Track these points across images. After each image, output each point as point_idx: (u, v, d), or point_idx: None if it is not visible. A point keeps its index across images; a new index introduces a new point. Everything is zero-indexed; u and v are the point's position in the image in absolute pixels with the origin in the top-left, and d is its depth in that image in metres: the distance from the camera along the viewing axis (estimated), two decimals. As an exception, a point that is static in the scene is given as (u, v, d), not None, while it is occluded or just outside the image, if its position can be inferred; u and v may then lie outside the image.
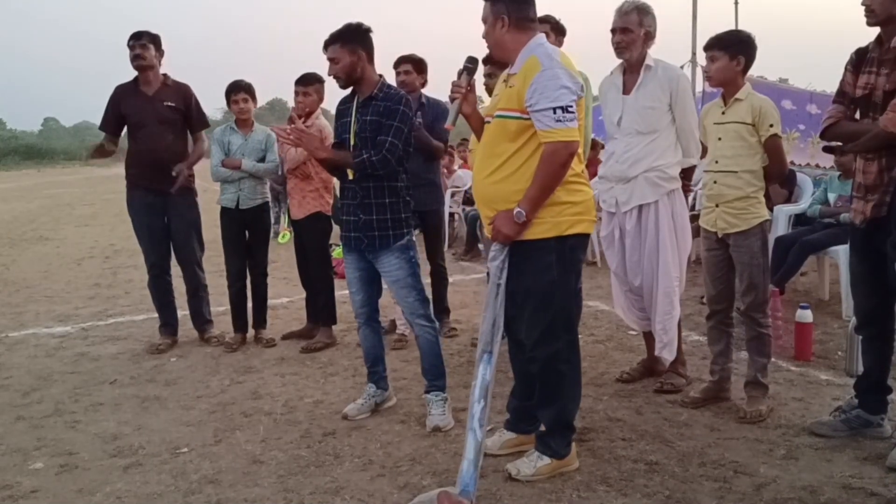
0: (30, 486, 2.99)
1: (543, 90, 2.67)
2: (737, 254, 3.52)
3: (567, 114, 2.67)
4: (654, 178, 3.69)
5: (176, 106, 4.85)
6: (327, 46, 3.49)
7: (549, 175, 2.72)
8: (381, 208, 3.46)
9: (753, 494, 2.74)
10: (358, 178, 3.46)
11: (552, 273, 2.81)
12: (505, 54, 2.87)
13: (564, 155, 2.70)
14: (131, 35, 4.80)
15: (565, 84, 2.68)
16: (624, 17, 3.66)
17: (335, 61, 3.45)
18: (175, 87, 4.91)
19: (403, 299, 3.55)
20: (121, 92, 4.86)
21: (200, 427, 3.58)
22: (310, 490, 2.88)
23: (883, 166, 2.99)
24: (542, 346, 2.88)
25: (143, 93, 4.81)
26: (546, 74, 2.68)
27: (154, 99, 4.80)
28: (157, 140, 4.78)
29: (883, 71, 3.02)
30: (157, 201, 4.85)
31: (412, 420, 3.57)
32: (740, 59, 3.43)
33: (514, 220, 2.74)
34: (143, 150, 4.81)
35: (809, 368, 4.17)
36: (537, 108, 2.69)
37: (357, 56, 3.45)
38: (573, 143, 2.71)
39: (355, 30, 3.49)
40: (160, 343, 4.93)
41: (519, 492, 2.81)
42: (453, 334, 5.02)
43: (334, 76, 3.49)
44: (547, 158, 2.71)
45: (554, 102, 2.66)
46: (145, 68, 4.78)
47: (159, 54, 4.86)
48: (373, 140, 3.41)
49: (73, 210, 15.90)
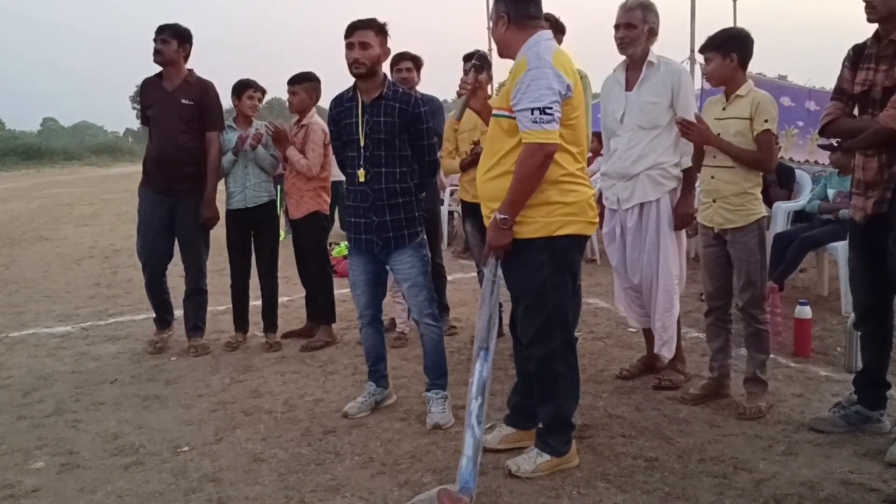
0: (31, 486, 3.00)
1: (526, 90, 2.68)
2: (734, 250, 3.53)
3: (545, 115, 2.66)
4: (656, 175, 3.69)
5: (193, 103, 4.68)
6: (357, 30, 3.38)
7: (525, 176, 2.71)
8: (395, 209, 3.46)
9: (753, 490, 2.75)
10: (369, 181, 3.44)
11: (543, 272, 2.82)
12: (509, 53, 2.88)
13: (540, 156, 2.69)
14: (156, 28, 4.67)
15: (550, 85, 2.67)
16: (628, 14, 3.67)
17: (365, 46, 3.36)
18: (196, 84, 4.72)
19: (413, 298, 3.54)
20: (145, 85, 4.78)
21: (201, 425, 3.58)
22: (310, 488, 2.89)
23: (883, 163, 3.00)
24: (537, 345, 2.89)
25: (163, 88, 4.69)
26: (531, 74, 2.68)
27: (172, 95, 4.66)
28: (170, 137, 4.64)
29: (881, 67, 3.03)
30: (164, 201, 4.70)
31: (412, 418, 3.57)
32: (733, 56, 3.43)
33: (500, 226, 2.76)
34: (156, 146, 4.70)
35: (809, 364, 4.18)
36: (518, 108, 2.70)
37: (384, 51, 3.45)
38: (549, 146, 2.69)
39: (383, 25, 3.47)
40: (157, 340, 4.86)
41: (519, 488, 2.82)
42: (453, 332, 5.02)
43: (358, 61, 3.36)
44: (522, 159, 2.71)
45: (533, 103, 2.66)
46: (164, 64, 4.65)
47: (183, 49, 4.67)
48: (389, 142, 3.41)
49: (73, 210, 15.87)
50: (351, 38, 3.39)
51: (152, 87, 4.75)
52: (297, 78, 4.79)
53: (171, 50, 4.62)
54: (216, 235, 4.91)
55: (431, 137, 3.56)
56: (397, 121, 3.43)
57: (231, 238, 4.90)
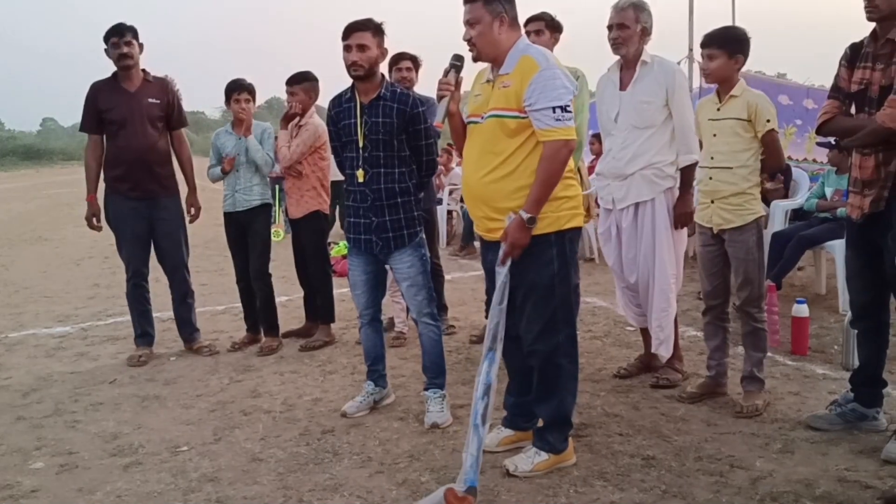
0: (30, 486, 3.00)
1: (543, 90, 2.72)
2: (732, 249, 3.53)
3: (566, 113, 2.75)
4: (650, 175, 3.69)
5: (159, 102, 4.61)
6: (355, 32, 3.38)
7: (552, 173, 2.78)
8: (394, 209, 3.47)
9: (749, 488, 2.76)
10: (368, 181, 3.45)
11: (553, 267, 2.86)
12: (497, 54, 2.88)
13: (565, 153, 2.77)
14: (112, 30, 4.48)
15: (564, 84, 2.75)
16: (620, 14, 3.67)
17: (364, 48, 3.36)
18: (156, 83, 4.65)
19: (413, 297, 3.55)
20: (99, 89, 4.54)
21: (200, 426, 3.59)
22: (309, 487, 2.90)
23: (879, 161, 3.00)
24: (543, 340, 2.90)
25: (124, 89, 4.52)
26: (545, 74, 2.74)
27: (137, 96, 4.53)
28: (142, 139, 4.51)
29: (878, 66, 3.03)
30: (140, 206, 4.58)
31: (410, 417, 3.58)
32: (739, 58, 3.44)
33: (527, 226, 2.78)
34: (126, 150, 4.50)
35: (806, 363, 4.19)
36: (537, 108, 2.74)
37: (381, 52, 3.46)
38: (572, 141, 2.79)
39: (380, 25, 3.46)
40: (140, 354, 4.65)
41: (517, 487, 2.83)
42: (451, 332, 5.02)
43: (356, 63, 3.37)
44: (549, 157, 2.76)
45: (553, 102, 2.72)
46: (131, 66, 4.51)
47: (141, 49, 4.58)
48: (388, 143, 3.41)
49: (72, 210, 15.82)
50: (348, 40, 3.39)
51: (109, 90, 4.54)
52: (296, 78, 4.79)
53: (135, 51, 4.53)
54: (216, 236, 4.91)
55: (430, 137, 3.56)
56: (395, 121, 3.43)
57: (228, 239, 4.93)
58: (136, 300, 4.74)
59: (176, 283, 4.83)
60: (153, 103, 4.59)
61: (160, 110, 4.63)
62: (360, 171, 3.46)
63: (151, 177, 4.59)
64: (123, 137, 4.52)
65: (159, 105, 4.62)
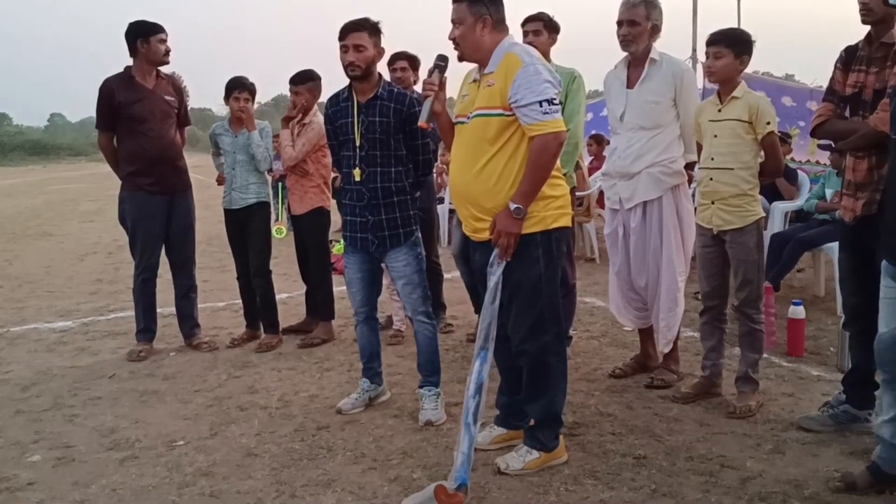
0: (26, 479, 3.04)
1: (529, 85, 2.73)
2: (732, 250, 3.54)
3: (552, 105, 2.76)
4: (657, 173, 3.67)
5: (174, 99, 4.72)
6: (351, 32, 3.40)
7: (542, 167, 2.78)
8: (390, 207, 3.49)
9: (739, 488, 2.77)
10: (364, 180, 3.48)
11: (539, 267, 2.86)
12: (480, 55, 2.90)
13: (555, 145, 2.78)
14: (156, 27, 4.56)
15: (547, 78, 2.76)
16: (631, 10, 3.63)
17: (360, 49, 3.38)
18: (169, 81, 4.75)
19: (408, 296, 3.57)
20: (115, 85, 4.53)
21: (196, 421, 3.62)
22: (302, 482, 2.93)
23: (873, 164, 3.01)
24: (530, 340, 2.92)
25: (142, 85, 4.57)
26: (529, 70, 2.75)
27: (156, 92, 4.61)
28: (165, 135, 4.61)
29: (872, 69, 3.05)
30: (161, 201, 4.65)
31: (405, 414, 3.60)
32: (744, 59, 3.44)
33: (514, 216, 2.78)
34: (147, 146, 4.55)
35: (801, 364, 4.20)
36: (523, 104, 2.74)
37: (378, 51, 3.47)
38: (562, 133, 2.79)
39: (377, 24, 3.48)
40: (140, 349, 4.68)
41: (508, 485, 2.85)
42: (449, 330, 5.04)
43: (353, 64, 3.39)
44: (538, 150, 2.77)
45: (539, 96, 2.73)
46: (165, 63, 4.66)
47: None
48: (385, 142, 3.43)
49: (78, 206, 15.95)
50: (345, 40, 3.41)
51: (128, 85, 4.55)
52: (299, 78, 4.81)
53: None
54: (218, 233, 4.95)
55: (426, 136, 3.58)
56: (392, 120, 3.46)
57: (228, 235, 4.97)
58: (145, 294, 4.78)
59: (182, 277, 4.89)
60: (170, 100, 4.70)
61: (173, 108, 4.74)
62: (356, 169, 3.48)
63: (173, 172, 4.70)
64: (145, 133, 4.57)
65: (173, 102, 4.73)
